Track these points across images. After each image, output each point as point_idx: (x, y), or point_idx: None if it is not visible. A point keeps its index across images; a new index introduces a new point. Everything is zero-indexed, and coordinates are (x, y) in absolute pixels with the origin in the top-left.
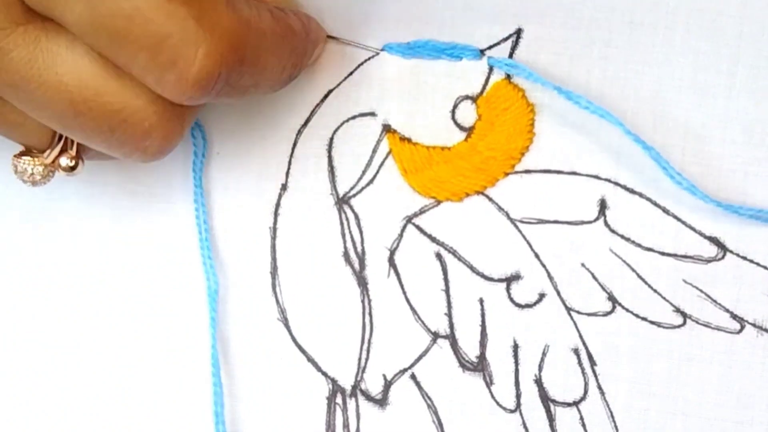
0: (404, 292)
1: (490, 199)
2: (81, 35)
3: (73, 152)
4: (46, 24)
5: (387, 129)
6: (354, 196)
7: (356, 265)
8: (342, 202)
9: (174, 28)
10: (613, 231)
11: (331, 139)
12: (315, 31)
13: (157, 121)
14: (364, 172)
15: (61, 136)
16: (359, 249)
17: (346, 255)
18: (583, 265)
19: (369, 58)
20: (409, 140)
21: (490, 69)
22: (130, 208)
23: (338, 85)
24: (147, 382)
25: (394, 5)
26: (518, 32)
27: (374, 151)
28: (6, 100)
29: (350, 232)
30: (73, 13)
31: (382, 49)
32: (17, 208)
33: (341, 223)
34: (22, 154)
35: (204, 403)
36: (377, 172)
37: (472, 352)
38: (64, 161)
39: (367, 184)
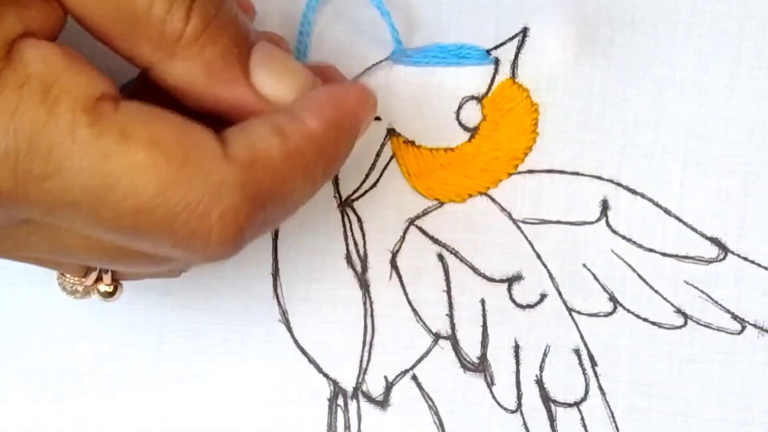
0: (406, 294)
1: (493, 200)
2: (93, 236)
3: (108, 280)
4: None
5: (391, 133)
6: (357, 199)
7: (358, 268)
8: (345, 204)
9: (178, 207)
10: (614, 232)
11: None
12: (349, 107)
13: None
14: (367, 176)
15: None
16: (361, 251)
17: (348, 257)
18: (584, 265)
19: (375, 63)
20: (412, 143)
21: (496, 69)
22: None
23: None
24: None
25: (402, 11)
26: (524, 31)
27: (378, 154)
28: None
29: (353, 234)
30: (75, 222)
31: (388, 59)
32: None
33: (344, 226)
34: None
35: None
36: (381, 175)
37: (473, 352)
38: (102, 288)
39: (371, 188)
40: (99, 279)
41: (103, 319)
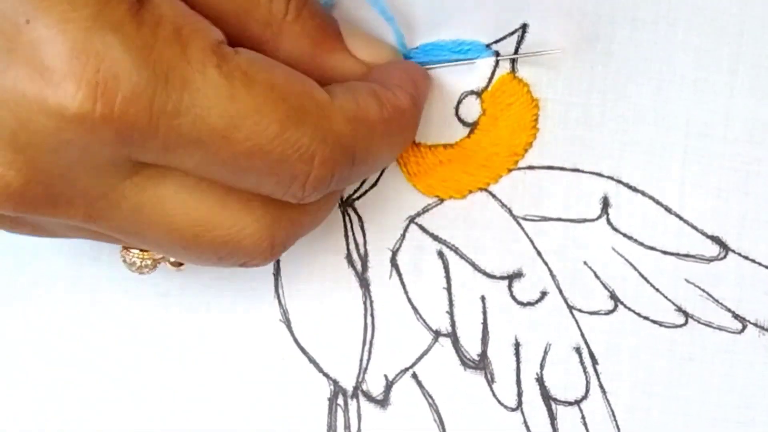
0: (406, 292)
1: (493, 196)
2: (201, 176)
3: None
4: (152, 170)
5: None
6: (358, 198)
7: (359, 267)
8: (346, 204)
9: (290, 150)
10: (615, 229)
11: None
12: (422, 87)
13: (265, 245)
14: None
15: None
16: (362, 251)
17: (348, 257)
18: (585, 263)
19: None
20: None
21: (496, 63)
22: None
23: None
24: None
25: (401, 9)
26: (524, 27)
27: None
28: None
29: (353, 234)
30: (192, 161)
31: None
32: None
33: (345, 226)
34: (130, 247)
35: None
36: (381, 174)
37: (473, 350)
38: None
39: (371, 187)
40: None
41: (103, 321)
